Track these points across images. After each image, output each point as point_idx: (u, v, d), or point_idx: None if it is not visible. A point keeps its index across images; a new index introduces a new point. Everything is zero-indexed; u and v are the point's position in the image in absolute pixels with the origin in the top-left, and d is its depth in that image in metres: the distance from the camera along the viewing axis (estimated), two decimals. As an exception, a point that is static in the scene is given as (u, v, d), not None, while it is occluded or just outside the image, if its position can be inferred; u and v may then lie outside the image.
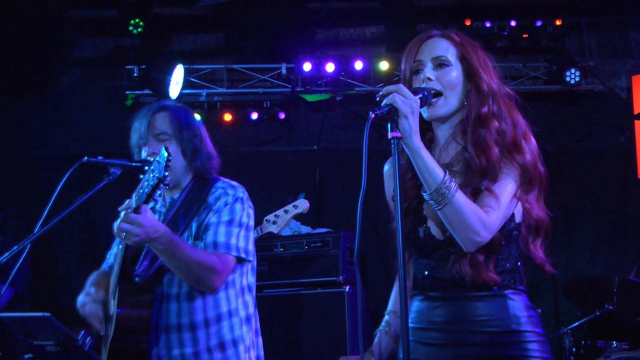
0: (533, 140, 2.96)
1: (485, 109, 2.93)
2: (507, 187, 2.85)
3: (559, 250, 8.39)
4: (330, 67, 8.91)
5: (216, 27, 9.48)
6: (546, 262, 2.98)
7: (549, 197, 3.03)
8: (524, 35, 9.05)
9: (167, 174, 3.26)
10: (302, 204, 5.52)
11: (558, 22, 8.97)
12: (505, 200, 2.83)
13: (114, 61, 9.17)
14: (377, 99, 2.74)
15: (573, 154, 8.95)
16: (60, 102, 8.98)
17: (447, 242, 2.91)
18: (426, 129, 3.05)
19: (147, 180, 3.34)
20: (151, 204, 3.46)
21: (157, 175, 3.28)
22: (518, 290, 2.93)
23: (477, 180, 2.86)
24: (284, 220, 5.49)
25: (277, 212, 5.52)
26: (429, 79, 2.96)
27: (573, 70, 8.78)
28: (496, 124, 2.91)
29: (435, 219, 2.94)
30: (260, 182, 8.73)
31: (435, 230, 2.96)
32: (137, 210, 3.42)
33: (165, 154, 3.25)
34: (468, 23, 8.90)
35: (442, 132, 3.04)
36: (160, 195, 3.35)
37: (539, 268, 3.00)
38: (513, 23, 8.93)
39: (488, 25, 8.92)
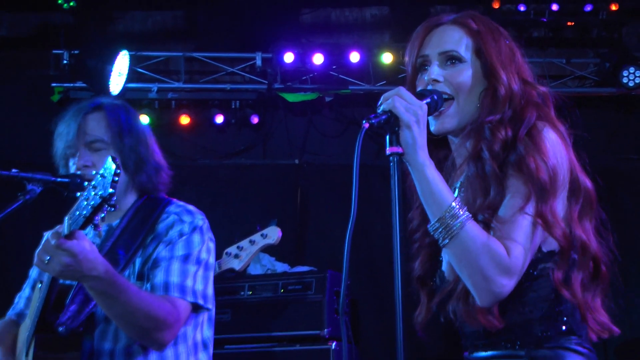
0: (550, 136, 2.87)
1: (492, 117, 2.91)
2: (514, 205, 2.78)
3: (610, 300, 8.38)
4: (318, 59, 8.95)
5: (173, 3, 9.51)
6: (596, 312, 2.91)
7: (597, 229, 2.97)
8: (569, 23, 9.13)
9: (113, 191, 3.18)
10: (273, 233, 5.51)
11: (614, 7, 9.02)
12: (521, 225, 2.76)
13: (37, 44, 9.16)
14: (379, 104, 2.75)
15: (630, 174, 8.99)
16: (-37, 95, 8.99)
17: (450, 285, 2.90)
18: (440, 142, 3.06)
19: (87, 199, 3.27)
20: (88, 231, 3.44)
21: (100, 193, 3.20)
22: (565, 348, 2.84)
23: (481, 204, 2.83)
24: (250, 253, 5.48)
25: (240, 243, 5.51)
26: (436, 80, 2.97)
27: (632, 70, 8.84)
28: (503, 133, 2.89)
29: None
30: (225, 205, 8.73)
31: (449, 274, 2.95)
32: (69, 236, 3.36)
33: (112, 167, 3.19)
34: (497, 6, 8.95)
35: (455, 145, 3.05)
36: (102, 219, 3.32)
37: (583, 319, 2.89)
38: (555, 7, 8.98)
39: (522, 9, 8.97)
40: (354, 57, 8.97)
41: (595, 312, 2.93)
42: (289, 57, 8.92)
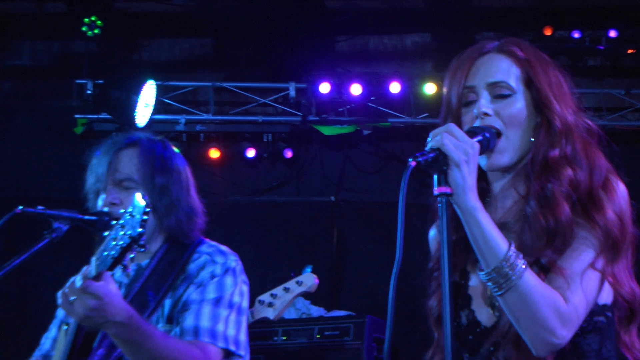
0: (620, 188, 2.91)
1: (555, 152, 2.90)
2: (584, 259, 2.81)
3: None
4: (355, 90, 9.01)
5: (201, 30, 9.60)
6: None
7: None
8: (629, 51, 9.11)
9: (142, 231, 3.22)
10: (309, 280, 5.52)
11: (677, 33, 9.01)
12: (587, 279, 2.80)
13: (59, 73, 9.30)
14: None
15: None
16: (-17, 128, 9.13)
17: (500, 330, 2.89)
18: (478, 178, 3.05)
19: (115, 239, 3.30)
20: (115, 271, 3.44)
21: (129, 232, 3.24)
22: None
23: (540, 248, 2.83)
24: (284, 302, 5.49)
25: (274, 291, 5.53)
26: (486, 114, 2.94)
27: (699, 102, 8.81)
28: (569, 172, 2.88)
29: (484, 298, 2.94)
30: (256, 244, 8.76)
31: (483, 315, 2.95)
32: (97, 278, 3.39)
33: (142, 205, 3.24)
34: (548, 32, 8.93)
35: (500, 182, 3.04)
36: (132, 259, 3.34)
37: None
38: (612, 33, 8.95)
39: (577, 35, 8.94)
40: (394, 87, 9.01)
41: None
42: (324, 88, 8.99)
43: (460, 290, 2.98)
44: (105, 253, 3.34)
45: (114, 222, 3.40)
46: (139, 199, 3.26)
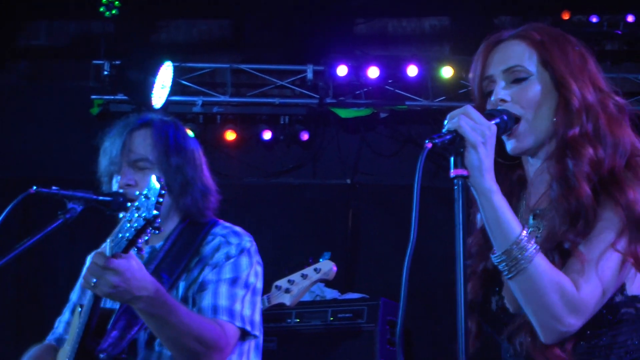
0: None
1: (573, 131, 2.88)
2: (604, 240, 2.78)
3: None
4: (373, 73, 9.00)
5: (220, 11, 9.60)
6: None
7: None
8: (647, 36, 9.08)
9: (157, 213, 3.24)
10: (327, 268, 5.51)
11: (696, 17, 8.99)
12: (605, 261, 2.76)
13: (76, 53, 9.31)
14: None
15: None
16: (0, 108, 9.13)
17: (521, 317, 2.87)
18: (514, 165, 3.04)
19: (130, 221, 3.31)
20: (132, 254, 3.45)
21: (144, 215, 3.25)
22: None
23: (563, 231, 2.82)
24: (302, 288, 5.49)
25: (291, 277, 5.52)
26: (503, 100, 2.94)
27: None
28: (590, 151, 2.85)
29: None
30: (272, 226, 8.79)
31: (510, 301, 2.94)
32: (115, 257, 3.38)
33: (157, 187, 3.24)
34: (566, 17, 8.93)
35: (532, 167, 3.02)
36: (146, 242, 3.35)
37: None
38: (630, 18, 8.94)
39: (595, 20, 8.94)
40: (412, 70, 9.00)
41: None
42: (342, 70, 8.98)
43: (495, 276, 2.95)
44: (120, 235, 3.36)
45: (129, 204, 3.41)
46: (155, 181, 3.26)
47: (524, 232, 2.73)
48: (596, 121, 2.91)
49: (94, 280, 3.40)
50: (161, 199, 3.24)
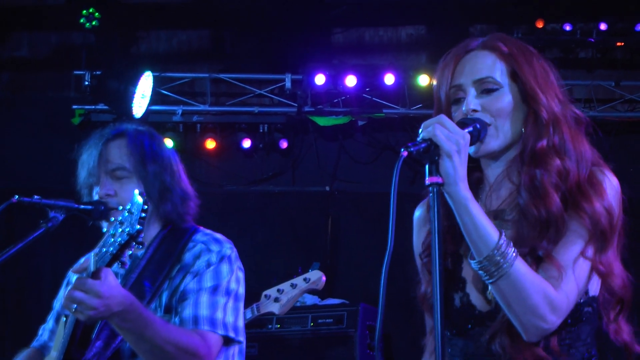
0: (609, 177, 2.95)
1: (542, 143, 2.94)
2: (575, 248, 2.87)
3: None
4: (350, 81, 9.02)
5: (199, 22, 9.60)
6: (634, 345, 2.98)
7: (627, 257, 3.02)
8: (618, 44, 9.11)
9: (140, 228, 3.25)
10: (317, 278, 5.50)
11: (667, 26, 9.00)
12: (578, 268, 2.85)
13: (57, 64, 9.29)
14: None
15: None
16: (-18, 119, 9.11)
17: (493, 314, 2.93)
18: (472, 168, 3.06)
19: (113, 235, 3.33)
20: (115, 268, 3.45)
21: (127, 230, 3.27)
22: None
23: (534, 237, 2.87)
24: (291, 297, 5.47)
25: (280, 286, 5.51)
26: (474, 110, 2.97)
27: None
28: (557, 162, 2.92)
29: (478, 282, 2.96)
30: (252, 233, 8.78)
31: (477, 299, 2.99)
32: (95, 274, 3.39)
33: (140, 201, 3.26)
34: (540, 25, 8.95)
35: (493, 171, 3.07)
36: (130, 256, 3.35)
37: (623, 354, 2.99)
38: (603, 26, 8.98)
39: (568, 28, 8.97)
40: (389, 79, 9.02)
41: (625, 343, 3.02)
42: (320, 79, 9.00)
43: (453, 274, 3.01)
44: (104, 249, 3.38)
45: (113, 218, 3.43)
46: (138, 196, 3.28)
47: (502, 238, 2.78)
48: (561, 133, 2.98)
49: (74, 306, 3.41)
50: (144, 214, 3.26)
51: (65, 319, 3.77)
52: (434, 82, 3.12)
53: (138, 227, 3.25)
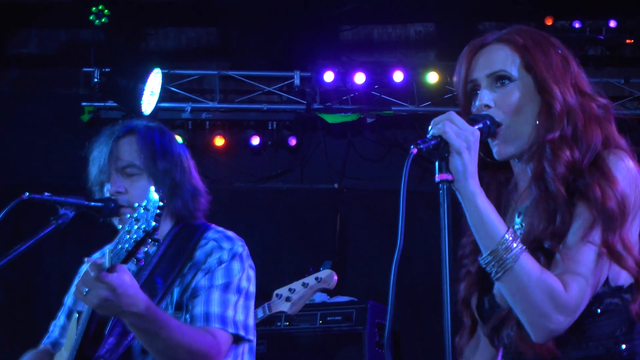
0: (624, 160, 2.87)
1: (554, 135, 2.90)
2: (582, 237, 2.77)
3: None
4: (359, 78, 9.02)
5: (208, 19, 9.59)
6: None
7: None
8: (628, 41, 9.10)
9: (156, 225, 3.24)
10: (329, 277, 5.50)
11: (677, 23, 9.01)
12: (586, 257, 2.77)
13: (66, 61, 9.29)
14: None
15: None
16: (-10, 116, 9.13)
17: (510, 314, 2.88)
18: (501, 164, 3.06)
19: (129, 232, 3.31)
20: (129, 265, 3.45)
21: (143, 227, 3.25)
22: None
23: (541, 230, 2.84)
24: (302, 297, 5.46)
25: (292, 285, 5.50)
26: (487, 105, 2.96)
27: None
28: (567, 153, 2.88)
29: None
30: (260, 231, 8.79)
31: (501, 299, 2.94)
32: (111, 270, 3.36)
33: (156, 198, 3.25)
34: (549, 22, 8.94)
35: (517, 167, 3.06)
36: (145, 253, 3.35)
37: None
38: (612, 23, 8.96)
39: (577, 25, 8.95)
40: (397, 76, 9.01)
41: None
42: (328, 76, 8.99)
43: (487, 275, 2.92)
44: (120, 246, 3.35)
45: (128, 215, 3.42)
46: (154, 193, 3.27)
47: (509, 233, 2.76)
48: (575, 124, 2.93)
49: (86, 290, 3.39)
50: (160, 211, 3.24)
51: (77, 315, 3.77)
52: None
53: (154, 224, 3.24)
